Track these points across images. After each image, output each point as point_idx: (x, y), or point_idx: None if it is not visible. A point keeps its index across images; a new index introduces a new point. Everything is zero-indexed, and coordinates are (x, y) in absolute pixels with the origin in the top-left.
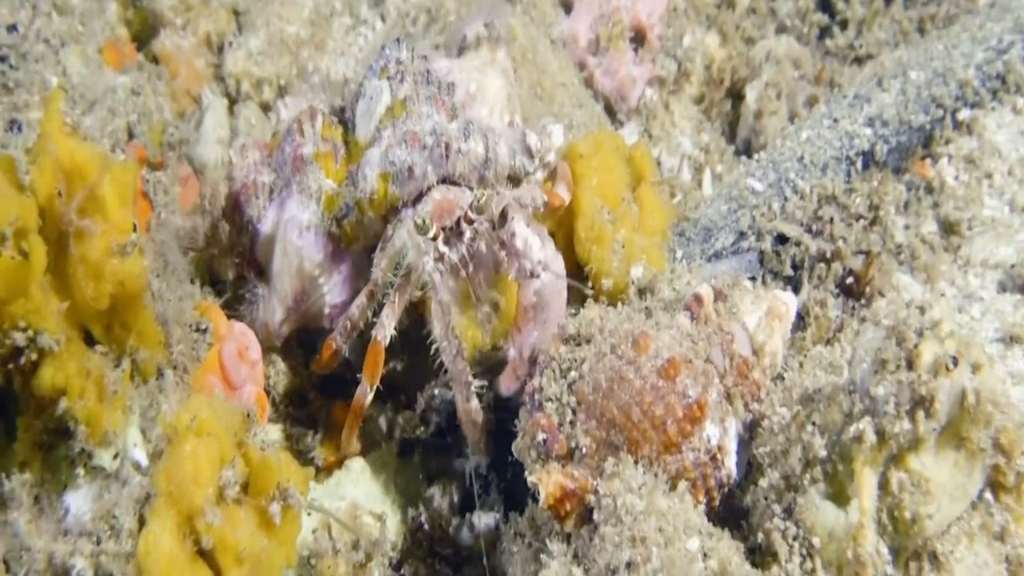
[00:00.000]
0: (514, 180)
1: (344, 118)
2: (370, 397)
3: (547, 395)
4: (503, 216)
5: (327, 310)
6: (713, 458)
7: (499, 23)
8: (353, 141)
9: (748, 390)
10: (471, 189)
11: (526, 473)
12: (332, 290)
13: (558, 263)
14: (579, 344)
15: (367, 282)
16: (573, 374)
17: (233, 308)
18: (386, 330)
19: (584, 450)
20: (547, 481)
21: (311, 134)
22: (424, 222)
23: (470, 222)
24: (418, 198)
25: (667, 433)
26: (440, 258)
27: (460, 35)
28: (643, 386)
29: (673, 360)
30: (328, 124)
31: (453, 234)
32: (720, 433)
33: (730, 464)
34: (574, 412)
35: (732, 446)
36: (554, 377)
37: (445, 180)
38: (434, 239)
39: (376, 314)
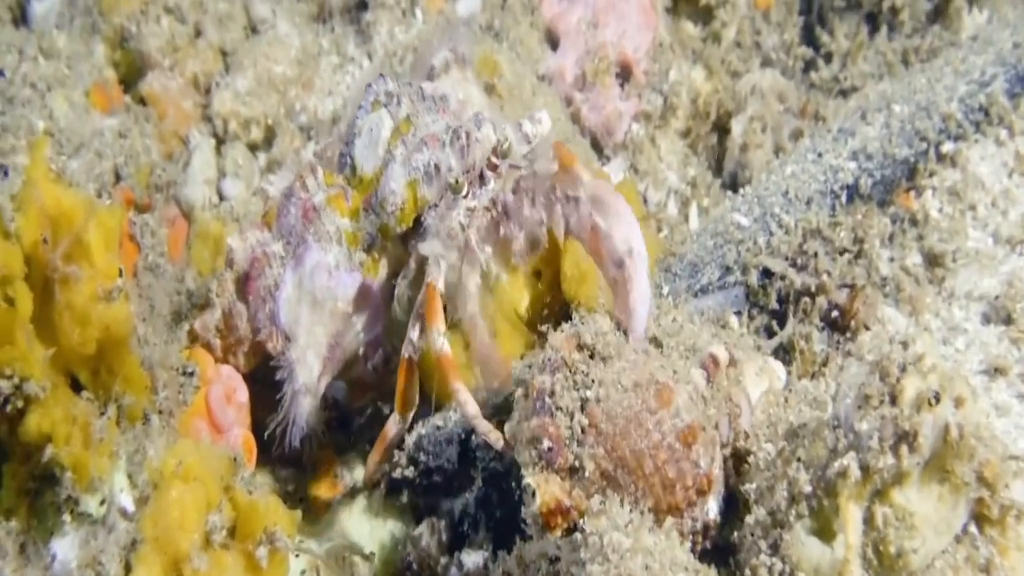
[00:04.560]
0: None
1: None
2: (401, 432)
3: (558, 403)
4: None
5: (362, 349)
6: (706, 528)
7: (462, 48)
8: (358, 178)
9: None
10: None
11: (523, 470)
12: (365, 326)
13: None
14: (592, 357)
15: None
16: (589, 393)
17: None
18: (415, 345)
19: (587, 474)
20: (545, 489)
21: (315, 185)
22: (457, 181)
23: (494, 168)
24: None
25: (675, 496)
26: (471, 213)
27: (427, 65)
28: (660, 442)
29: (693, 427)
30: (329, 173)
31: (478, 185)
32: (717, 507)
33: (716, 536)
34: (583, 432)
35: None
36: (567, 386)
37: (467, 172)
38: (465, 197)
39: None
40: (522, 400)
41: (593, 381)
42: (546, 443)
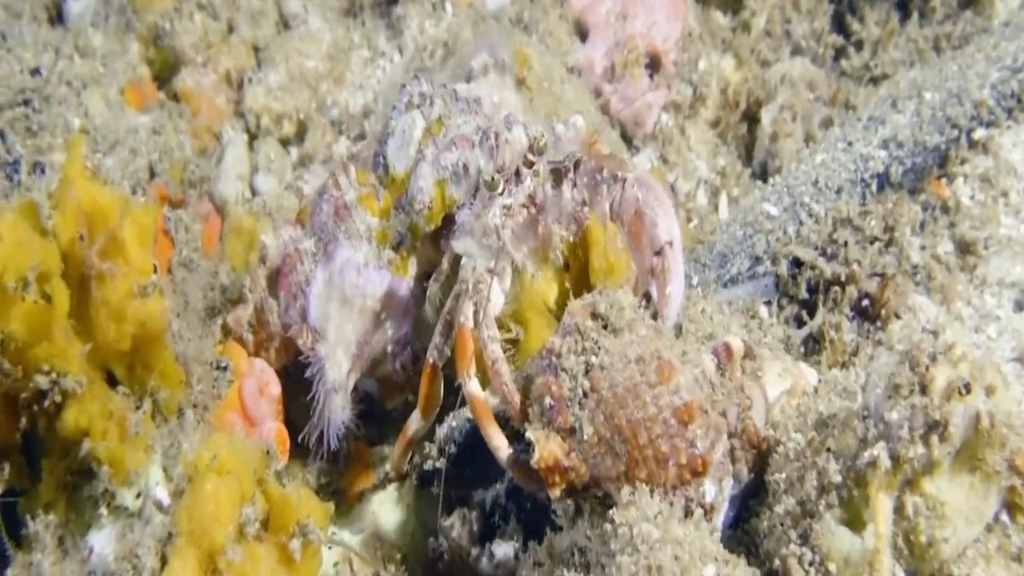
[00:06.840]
0: None
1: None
2: (422, 430)
3: (564, 365)
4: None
5: (390, 347)
6: (704, 512)
7: (502, 53)
8: (390, 178)
9: (754, 458)
10: None
11: (526, 425)
12: (393, 325)
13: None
14: (605, 327)
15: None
16: (594, 359)
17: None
18: (440, 351)
19: (585, 436)
20: (544, 445)
21: (347, 183)
22: (493, 178)
23: (530, 165)
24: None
25: (667, 472)
26: (508, 211)
27: (467, 68)
28: (656, 416)
29: (690, 405)
30: (361, 171)
31: (514, 183)
32: (716, 492)
33: (717, 522)
34: (585, 395)
35: (724, 506)
36: (575, 349)
37: (500, 171)
38: (501, 194)
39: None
40: (535, 359)
41: (600, 348)
42: (548, 400)
